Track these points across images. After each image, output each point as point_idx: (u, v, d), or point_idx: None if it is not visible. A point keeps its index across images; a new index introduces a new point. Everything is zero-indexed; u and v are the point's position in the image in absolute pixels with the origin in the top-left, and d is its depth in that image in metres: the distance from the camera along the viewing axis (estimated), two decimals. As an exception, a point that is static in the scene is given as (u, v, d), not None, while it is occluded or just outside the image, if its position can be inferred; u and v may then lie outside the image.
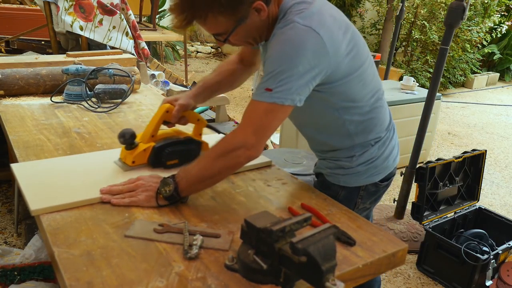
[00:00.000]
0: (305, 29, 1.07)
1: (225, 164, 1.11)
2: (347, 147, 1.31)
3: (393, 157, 1.38)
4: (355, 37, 1.19)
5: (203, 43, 7.85)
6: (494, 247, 2.35)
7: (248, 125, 1.11)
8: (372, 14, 7.12)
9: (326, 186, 1.37)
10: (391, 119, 1.40)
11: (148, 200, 1.13)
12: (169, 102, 1.36)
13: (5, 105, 1.84)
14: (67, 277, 0.85)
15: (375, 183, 1.35)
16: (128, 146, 1.32)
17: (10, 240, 2.34)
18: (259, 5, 1.11)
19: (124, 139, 1.29)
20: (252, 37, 1.21)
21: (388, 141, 1.35)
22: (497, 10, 6.67)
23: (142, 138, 1.34)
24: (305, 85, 1.09)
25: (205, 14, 1.11)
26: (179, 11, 1.11)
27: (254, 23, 1.15)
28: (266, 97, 1.08)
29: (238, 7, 1.10)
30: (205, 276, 0.88)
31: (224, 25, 1.13)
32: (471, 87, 7.00)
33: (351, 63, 1.17)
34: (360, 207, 1.38)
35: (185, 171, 1.13)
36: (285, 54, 1.07)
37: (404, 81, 3.71)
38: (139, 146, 1.32)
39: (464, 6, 2.25)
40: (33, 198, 1.11)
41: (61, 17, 2.73)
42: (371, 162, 1.32)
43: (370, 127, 1.29)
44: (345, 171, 1.32)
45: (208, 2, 1.08)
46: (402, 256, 1.05)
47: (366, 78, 1.23)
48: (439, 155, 4.14)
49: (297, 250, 0.74)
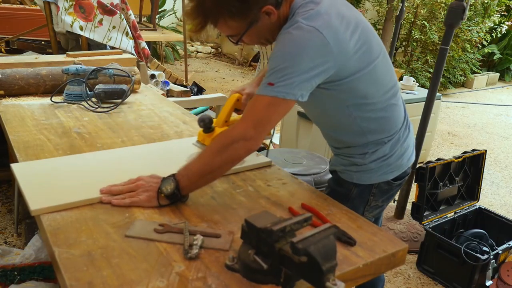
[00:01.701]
0: (308, 29, 1.09)
1: (225, 158, 1.13)
2: (361, 144, 1.31)
3: (408, 156, 1.38)
4: (365, 34, 1.19)
5: (203, 43, 7.85)
6: (494, 247, 2.35)
7: (248, 118, 1.13)
8: (372, 14, 7.12)
9: (340, 183, 1.38)
10: (406, 117, 1.38)
11: (149, 200, 1.13)
12: (238, 92, 1.44)
13: (5, 105, 1.84)
14: (68, 277, 0.85)
15: (388, 181, 1.35)
16: (206, 130, 1.43)
17: (10, 240, 2.34)
18: (269, 9, 1.15)
19: (204, 123, 1.41)
20: (265, 38, 1.25)
21: (402, 139, 1.34)
22: (497, 10, 6.67)
23: (217, 123, 1.44)
24: (307, 81, 1.10)
25: (215, 19, 1.15)
26: (193, 16, 1.16)
27: (265, 25, 1.18)
28: (268, 91, 1.10)
29: (247, 12, 1.14)
30: (205, 276, 0.88)
31: (236, 28, 1.18)
32: (471, 87, 7.00)
33: (361, 60, 1.17)
34: (372, 204, 1.38)
35: (186, 169, 1.14)
36: (288, 52, 1.09)
37: (404, 81, 3.71)
38: (215, 130, 1.42)
39: (464, 6, 2.25)
40: (33, 198, 1.11)
41: (61, 17, 2.73)
42: (384, 160, 1.32)
43: (383, 124, 1.29)
44: (358, 168, 1.33)
45: (219, 8, 1.13)
46: (402, 256, 1.05)
47: (378, 74, 1.23)
48: (439, 155, 4.14)
49: (298, 250, 0.74)
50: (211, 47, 7.86)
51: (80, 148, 1.47)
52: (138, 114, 1.85)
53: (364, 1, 7.06)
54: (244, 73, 6.79)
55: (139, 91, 2.20)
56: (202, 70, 6.75)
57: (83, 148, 1.48)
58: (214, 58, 7.72)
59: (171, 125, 1.76)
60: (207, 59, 7.62)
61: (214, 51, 7.87)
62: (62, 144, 1.50)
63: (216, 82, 6.10)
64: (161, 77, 3.47)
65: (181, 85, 4.16)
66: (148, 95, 2.16)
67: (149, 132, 1.66)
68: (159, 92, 2.68)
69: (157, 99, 2.10)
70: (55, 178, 1.23)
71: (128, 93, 1.95)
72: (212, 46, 7.86)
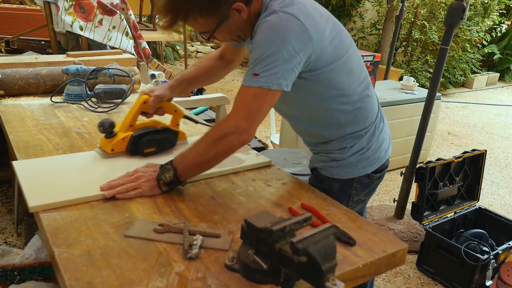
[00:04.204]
0: (286, 16, 1.12)
1: (219, 150, 1.16)
2: (338, 138, 1.34)
3: (385, 148, 1.41)
4: (337, 26, 1.24)
5: (203, 43, 7.85)
6: (494, 247, 2.35)
7: (239, 111, 1.15)
8: (372, 14, 7.12)
9: (320, 180, 1.40)
10: (379, 108, 1.42)
11: (152, 189, 1.17)
12: (146, 93, 1.42)
13: (5, 105, 1.84)
14: (67, 277, 0.85)
15: (368, 174, 1.38)
16: (107, 135, 1.38)
17: (10, 240, 2.34)
18: (238, 6, 1.16)
19: (104, 128, 1.35)
20: (236, 35, 1.26)
21: (378, 132, 1.38)
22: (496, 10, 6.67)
23: (121, 127, 1.40)
24: (290, 70, 1.12)
25: (185, 16, 1.17)
26: (163, 13, 1.17)
27: (236, 22, 1.20)
28: (253, 82, 1.12)
29: (216, 9, 1.15)
30: (205, 276, 0.88)
31: (206, 26, 1.20)
32: (471, 87, 7.00)
33: (335, 51, 1.21)
34: (355, 199, 1.41)
35: (182, 157, 1.17)
36: (269, 40, 1.11)
37: (404, 81, 3.71)
38: (118, 135, 1.38)
39: (464, 6, 2.25)
40: (32, 195, 1.11)
41: (61, 17, 2.74)
42: (363, 153, 1.34)
43: (360, 116, 1.32)
44: (337, 163, 1.35)
45: (188, 6, 1.14)
46: (402, 256, 1.05)
47: (352, 66, 1.27)
48: (439, 155, 4.14)
49: (297, 250, 0.74)
50: (211, 47, 7.86)
51: (80, 148, 1.47)
52: (138, 114, 1.85)
53: (364, 1, 7.06)
54: (244, 73, 6.78)
55: (139, 91, 2.19)
56: (202, 70, 6.74)
57: (83, 148, 1.48)
58: (214, 58, 7.70)
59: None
60: (207, 59, 7.61)
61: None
62: (62, 144, 1.50)
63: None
64: (161, 77, 3.47)
65: (181, 85, 4.15)
66: (148, 95, 2.15)
67: (149, 132, 1.66)
68: (159, 92, 2.68)
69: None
70: (55, 175, 1.23)
71: (128, 93, 1.95)
72: (212, 46, 7.86)
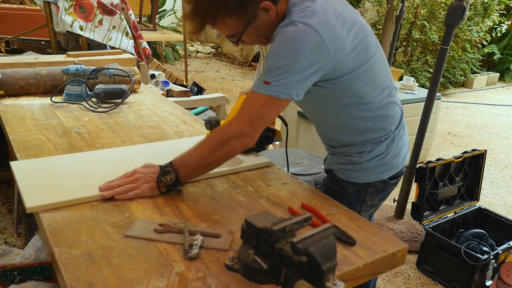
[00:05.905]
0: (304, 28, 1.09)
1: (222, 153, 1.17)
2: (358, 143, 1.32)
3: (403, 155, 1.39)
4: (362, 32, 1.20)
5: (203, 43, 7.85)
6: (494, 247, 2.35)
7: (244, 115, 1.15)
8: (372, 14, 7.12)
9: (336, 182, 1.38)
10: (402, 116, 1.39)
11: (152, 190, 1.17)
12: (246, 93, 1.43)
13: (5, 105, 1.84)
14: (68, 277, 0.85)
15: (384, 180, 1.36)
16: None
17: (10, 240, 2.34)
18: (266, 5, 1.15)
19: (211, 125, 1.40)
20: (264, 35, 1.25)
21: (398, 138, 1.35)
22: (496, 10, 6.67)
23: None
24: (303, 80, 1.11)
25: (214, 18, 1.16)
26: (191, 18, 1.17)
27: (264, 22, 1.19)
28: (263, 90, 1.11)
29: (245, 9, 1.14)
30: (205, 276, 0.88)
31: (235, 27, 1.19)
32: (471, 87, 7.00)
33: (357, 59, 1.18)
34: (368, 203, 1.39)
35: (182, 160, 1.18)
36: (284, 51, 1.10)
37: (404, 81, 3.71)
38: None
39: (464, 6, 2.25)
40: (29, 196, 1.11)
41: (61, 17, 2.73)
42: (381, 159, 1.32)
43: (380, 123, 1.30)
44: (355, 166, 1.33)
45: (216, 7, 1.13)
46: (402, 256, 1.05)
47: (375, 73, 1.24)
48: (439, 155, 4.14)
49: (298, 250, 0.74)
50: (211, 47, 7.86)
51: (80, 148, 1.47)
52: (138, 114, 1.85)
53: (364, 1, 7.06)
54: (244, 73, 6.79)
55: (139, 91, 2.20)
56: (202, 70, 6.75)
57: (83, 148, 1.48)
58: (214, 58, 7.72)
59: (171, 125, 1.76)
60: (207, 59, 7.62)
61: (214, 51, 7.87)
62: (62, 144, 1.50)
63: (216, 82, 6.10)
64: (161, 77, 3.47)
65: (181, 85, 4.16)
66: (148, 95, 2.16)
67: (149, 132, 1.66)
68: (159, 92, 2.68)
69: (157, 99, 2.10)
70: (53, 176, 1.23)
71: (128, 93, 1.95)
72: (212, 46, 7.86)
